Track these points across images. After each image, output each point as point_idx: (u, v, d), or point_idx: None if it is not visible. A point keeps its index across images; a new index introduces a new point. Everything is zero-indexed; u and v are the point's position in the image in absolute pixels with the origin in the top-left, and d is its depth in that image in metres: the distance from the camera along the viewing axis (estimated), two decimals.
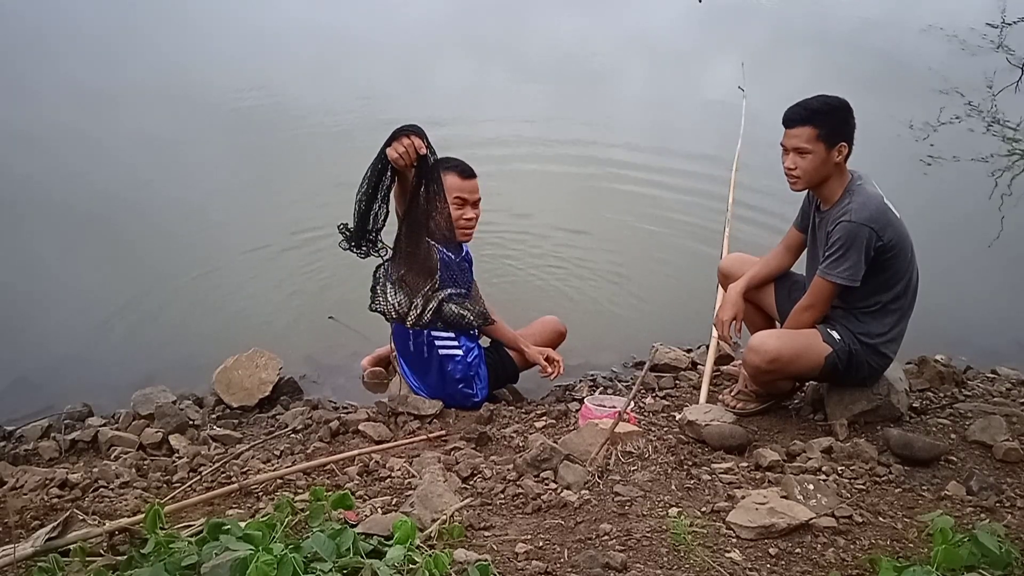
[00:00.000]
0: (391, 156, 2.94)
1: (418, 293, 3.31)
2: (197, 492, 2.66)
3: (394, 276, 3.30)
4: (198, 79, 7.80)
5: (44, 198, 5.45)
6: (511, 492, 2.53)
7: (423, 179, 3.05)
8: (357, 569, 1.87)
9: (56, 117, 6.78)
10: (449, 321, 3.41)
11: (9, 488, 2.80)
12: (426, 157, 2.99)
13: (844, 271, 2.95)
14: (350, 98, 7.50)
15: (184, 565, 1.83)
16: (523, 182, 6.01)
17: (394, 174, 3.05)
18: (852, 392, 3.20)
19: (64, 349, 4.10)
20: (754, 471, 2.74)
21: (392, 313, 3.38)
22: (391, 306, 3.36)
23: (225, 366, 3.80)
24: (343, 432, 3.31)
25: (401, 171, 3.02)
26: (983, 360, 4.06)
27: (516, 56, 9.43)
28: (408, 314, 3.34)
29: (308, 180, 5.94)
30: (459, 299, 3.41)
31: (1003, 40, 9.28)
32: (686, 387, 3.71)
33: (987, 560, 1.97)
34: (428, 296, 3.33)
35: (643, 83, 8.90)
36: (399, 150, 2.92)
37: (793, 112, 3.00)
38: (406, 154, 2.92)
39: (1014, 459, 2.86)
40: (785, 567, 2.15)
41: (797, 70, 8.73)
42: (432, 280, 3.29)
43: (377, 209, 3.13)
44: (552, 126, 7.11)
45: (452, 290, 3.39)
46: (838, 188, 3.03)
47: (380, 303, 3.39)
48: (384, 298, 3.37)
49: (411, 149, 2.92)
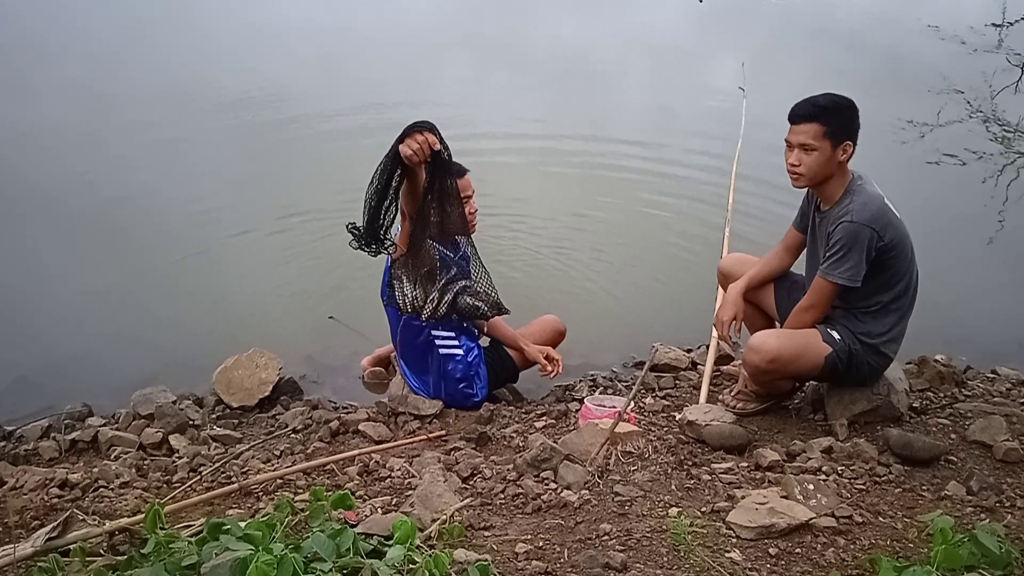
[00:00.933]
0: (404, 153, 2.88)
1: (433, 287, 3.30)
2: (197, 492, 2.66)
3: (408, 271, 3.28)
4: (200, 79, 7.81)
5: (45, 198, 5.45)
6: (511, 492, 2.53)
7: (436, 176, 3.02)
8: (357, 569, 1.87)
9: (57, 117, 6.79)
10: (464, 313, 3.39)
11: (9, 488, 2.80)
12: (440, 153, 2.94)
13: (845, 271, 2.95)
14: (354, 98, 7.50)
15: (184, 565, 1.83)
16: (523, 181, 6.02)
17: (404, 172, 3.00)
18: (852, 392, 3.20)
19: (64, 349, 4.10)
20: (754, 471, 2.74)
21: (408, 307, 3.36)
22: (407, 300, 3.33)
23: (225, 366, 3.80)
24: (343, 432, 3.31)
25: (412, 168, 2.98)
26: (983, 360, 4.06)
27: (517, 55, 9.44)
28: (424, 307, 3.33)
29: (310, 180, 5.94)
30: (473, 291, 3.40)
31: (1003, 40, 9.29)
32: (686, 387, 3.71)
33: (987, 560, 1.97)
34: (444, 289, 3.32)
35: (644, 83, 8.91)
36: (412, 147, 2.86)
37: (800, 108, 2.98)
38: (420, 151, 2.86)
39: (1014, 459, 2.86)
40: (785, 567, 2.15)
41: (797, 70, 8.73)
42: (436, 272, 3.27)
43: (387, 207, 3.08)
44: (552, 126, 7.12)
45: (466, 281, 3.38)
46: (839, 188, 3.03)
47: (397, 297, 3.36)
48: (401, 292, 3.34)
49: (425, 146, 2.87)
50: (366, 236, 3.13)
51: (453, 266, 3.37)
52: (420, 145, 2.86)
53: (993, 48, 9.07)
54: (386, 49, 9.10)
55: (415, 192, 3.06)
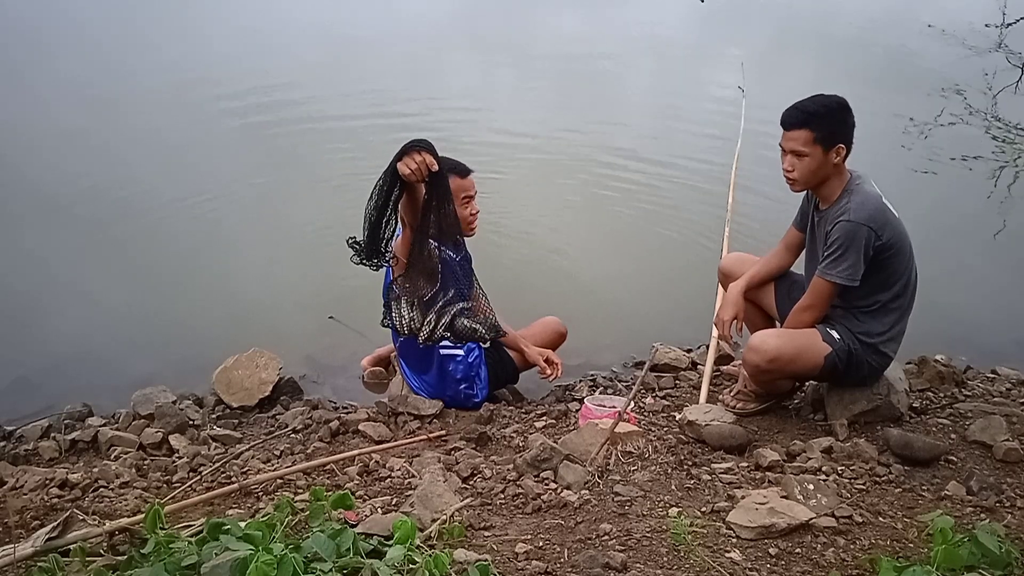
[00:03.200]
0: (403, 172, 2.89)
1: (430, 310, 3.35)
2: (197, 492, 2.66)
3: (405, 291, 3.32)
4: (201, 79, 7.79)
5: (44, 198, 5.45)
6: (511, 492, 2.53)
7: (435, 193, 3.04)
8: (357, 569, 1.87)
9: (58, 118, 6.78)
10: (462, 335, 3.44)
11: (9, 488, 2.80)
12: (439, 173, 2.96)
13: (843, 271, 2.95)
14: (355, 99, 7.49)
15: (184, 565, 1.82)
16: (524, 180, 6.02)
17: (403, 187, 3.01)
18: (852, 392, 3.20)
19: (64, 349, 4.10)
20: (754, 471, 2.74)
21: (405, 329, 3.42)
22: (404, 322, 3.41)
23: (225, 366, 3.80)
24: (343, 432, 3.31)
25: (411, 184, 3.01)
26: (983, 360, 4.06)
27: (518, 55, 9.43)
28: (421, 329, 3.39)
29: (311, 181, 5.94)
30: (471, 313, 3.47)
31: (1003, 40, 9.29)
32: (686, 387, 3.71)
33: (987, 560, 1.97)
34: (441, 311, 3.37)
35: (645, 82, 8.91)
36: (411, 166, 2.88)
37: (789, 115, 2.99)
38: (418, 171, 2.89)
39: (1014, 459, 2.86)
40: (785, 567, 2.15)
41: (798, 69, 8.74)
42: (435, 282, 3.29)
43: (387, 221, 3.09)
44: (552, 125, 7.11)
45: (464, 304, 3.43)
46: (837, 188, 3.03)
47: (395, 319, 3.44)
48: (398, 314, 3.42)
49: (423, 166, 2.89)
50: (367, 250, 3.14)
51: (451, 286, 3.39)
52: (418, 165, 2.88)
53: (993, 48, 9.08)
54: (389, 49, 9.10)
55: (415, 205, 3.08)
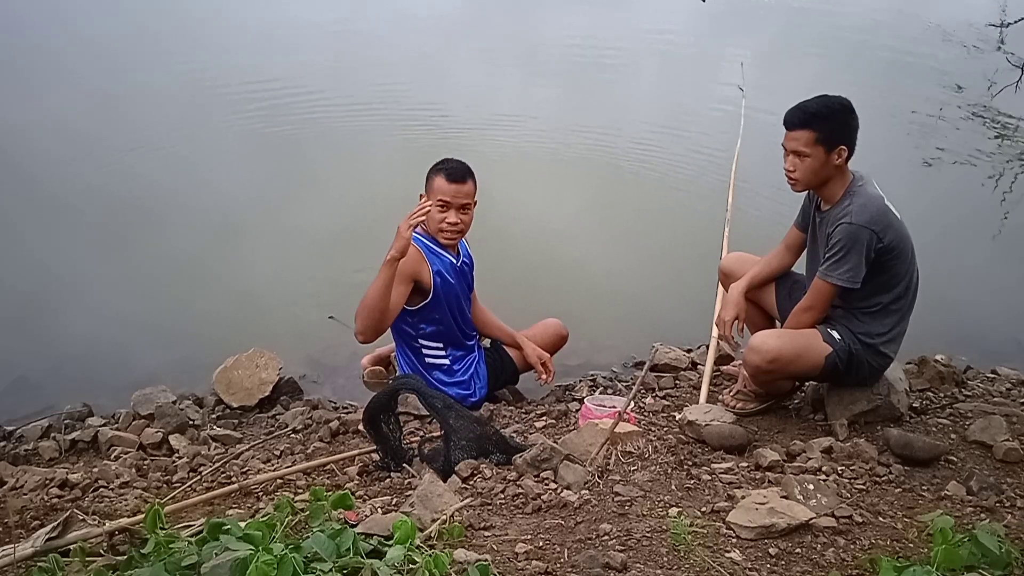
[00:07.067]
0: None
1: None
2: (197, 492, 2.66)
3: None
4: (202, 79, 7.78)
5: (45, 199, 5.45)
6: (511, 492, 2.53)
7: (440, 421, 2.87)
8: (357, 569, 1.87)
9: (58, 118, 6.76)
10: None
11: (9, 488, 2.80)
12: (434, 409, 2.84)
13: (844, 273, 2.95)
14: (358, 99, 7.45)
15: (184, 565, 1.83)
16: (524, 179, 6.00)
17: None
18: (852, 392, 3.20)
19: (64, 349, 4.10)
20: (754, 471, 2.73)
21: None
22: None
23: (225, 366, 3.80)
24: (343, 432, 3.31)
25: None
26: (983, 360, 4.06)
27: (521, 54, 9.41)
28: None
29: (312, 181, 5.93)
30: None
31: (1003, 40, 9.29)
32: (686, 387, 3.71)
33: (987, 560, 1.97)
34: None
35: (646, 82, 8.89)
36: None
37: (792, 115, 2.99)
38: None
39: (1014, 459, 2.85)
40: (785, 567, 2.15)
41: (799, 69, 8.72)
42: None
43: (391, 429, 2.89)
44: (552, 125, 7.10)
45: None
46: (839, 189, 3.03)
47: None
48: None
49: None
50: (394, 462, 2.87)
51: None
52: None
53: (993, 48, 9.07)
54: (394, 48, 9.07)
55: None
